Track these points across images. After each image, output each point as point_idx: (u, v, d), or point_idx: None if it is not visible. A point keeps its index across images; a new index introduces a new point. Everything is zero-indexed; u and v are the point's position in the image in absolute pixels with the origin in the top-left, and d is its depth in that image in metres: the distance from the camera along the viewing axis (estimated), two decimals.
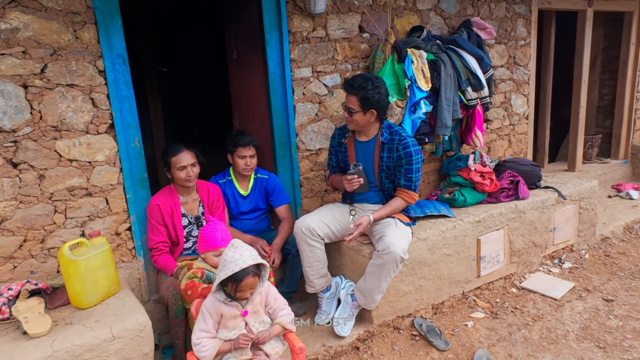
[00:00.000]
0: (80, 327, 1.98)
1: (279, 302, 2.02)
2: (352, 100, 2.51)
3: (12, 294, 2.13)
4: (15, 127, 2.23)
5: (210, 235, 2.13)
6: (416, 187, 2.61)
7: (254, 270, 1.81)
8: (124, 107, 2.51)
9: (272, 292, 2.01)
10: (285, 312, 2.00)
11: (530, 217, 3.34)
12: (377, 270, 2.49)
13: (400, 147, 2.55)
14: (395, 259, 2.43)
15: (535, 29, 4.15)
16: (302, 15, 2.94)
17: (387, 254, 2.42)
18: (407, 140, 2.56)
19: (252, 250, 1.86)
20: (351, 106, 2.52)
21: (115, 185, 2.52)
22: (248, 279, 1.78)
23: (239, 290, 1.82)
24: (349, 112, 2.54)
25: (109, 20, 2.39)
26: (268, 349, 1.92)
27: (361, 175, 2.55)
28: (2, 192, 2.24)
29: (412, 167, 2.55)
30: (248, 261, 1.77)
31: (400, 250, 2.42)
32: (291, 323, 1.99)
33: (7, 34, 2.16)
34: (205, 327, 1.87)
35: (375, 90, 2.46)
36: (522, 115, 4.22)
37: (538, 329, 2.79)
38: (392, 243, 2.42)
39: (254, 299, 1.91)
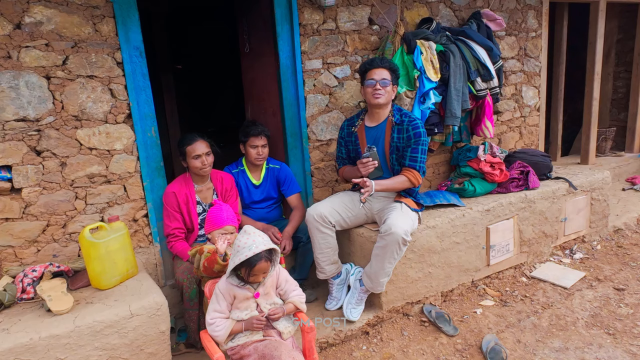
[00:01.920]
0: (100, 306, 2.07)
1: (290, 284, 2.08)
2: (385, 73, 2.62)
3: (36, 275, 2.24)
4: (39, 117, 2.34)
5: (216, 215, 2.21)
6: (421, 167, 2.64)
7: (267, 255, 1.87)
8: (140, 98, 2.61)
9: (283, 275, 2.07)
10: (296, 292, 2.07)
11: (541, 207, 3.35)
12: (381, 252, 2.53)
13: (410, 128, 2.62)
14: (397, 240, 2.46)
15: (546, 21, 4.14)
16: (312, 8, 3.00)
17: (389, 235, 2.46)
18: (416, 121, 2.64)
19: (264, 236, 1.93)
20: (385, 77, 2.60)
21: (132, 173, 2.62)
22: (261, 263, 1.84)
23: (252, 274, 1.88)
24: (383, 84, 2.60)
25: (127, 14, 2.49)
26: (281, 327, 1.98)
27: (375, 158, 2.59)
28: (27, 178, 2.35)
29: (418, 147, 2.61)
30: (260, 247, 1.83)
31: (402, 232, 2.44)
32: (302, 303, 2.04)
33: (31, 27, 2.27)
34: (219, 307, 1.95)
35: (396, 65, 2.70)
36: (533, 107, 4.22)
37: (547, 316, 2.81)
38: (393, 224, 2.46)
39: (266, 281, 1.98)
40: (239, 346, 1.91)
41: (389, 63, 2.66)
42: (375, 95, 2.61)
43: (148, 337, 2.07)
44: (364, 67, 2.69)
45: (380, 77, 2.61)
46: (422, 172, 2.68)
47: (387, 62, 2.65)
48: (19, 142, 2.31)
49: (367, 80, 2.65)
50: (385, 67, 2.62)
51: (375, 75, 2.62)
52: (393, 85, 2.66)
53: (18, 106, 2.28)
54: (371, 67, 2.64)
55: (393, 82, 2.65)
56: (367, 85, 2.65)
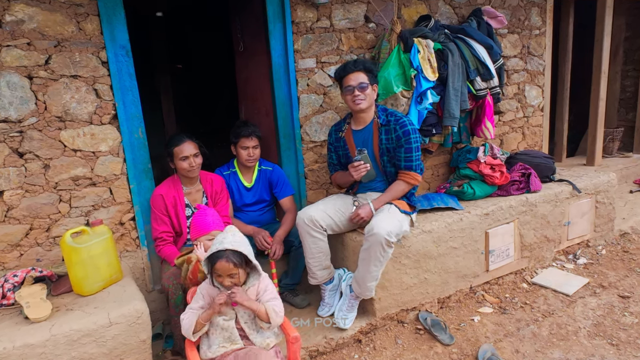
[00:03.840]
0: (79, 313, 2.01)
1: (268, 294, 1.92)
2: (361, 76, 2.52)
3: (17, 281, 2.18)
4: (21, 118, 2.28)
5: (201, 220, 2.14)
6: (417, 166, 2.55)
7: (230, 256, 1.76)
8: (127, 98, 2.54)
9: (264, 283, 1.94)
10: (272, 303, 1.89)
11: (543, 210, 3.23)
12: (366, 255, 2.45)
13: (398, 127, 2.53)
14: (379, 241, 2.35)
15: (550, 18, 4.02)
16: (305, 6, 2.92)
17: (372, 236, 2.37)
18: (403, 119, 2.55)
19: (240, 239, 1.82)
20: (362, 81, 2.51)
21: (118, 176, 2.55)
22: (221, 262, 1.76)
23: (215, 273, 1.81)
24: (360, 89, 2.51)
25: (112, 12, 2.42)
26: (258, 341, 1.88)
27: (367, 161, 2.51)
28: (9, 181, 2.29)
29: (410, 146, 2.51)
30: (226, 245, 1.75)
31: (385, 232, 2.34)
32: (275, 314, 1.87)
33: (12, 26, 2.21)
34: (193, 305, 1.90)
35: (371, 63, 2.61)
36: (536, 107, 4.10)
37: (548, 325, 2.70)
38: (376, 225, 2.37)
39: (247, 291, 1.87)
40: (218, 356, 1.84)
41: (363, 64, 2.55)
42: (356, 102, 2.53)
43: (128, 346, 2.00)
44: (338, 75, 2.61)
45: (357, 82, 2.51)
46: (420, 170, 2.59)
47: (361, 64, 2.55)
48: (0, 143, 2.25)
49: (344, 87, 2.57)
50: (359, 70, 2.52)
51: (351, 82, 2.52)
52: (372, 85, 2.56)
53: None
54: (345, 73, 2.55)
55: (371, 83, 2.55)
56: (346, 92, 2.57)
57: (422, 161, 2.63)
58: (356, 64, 2.55)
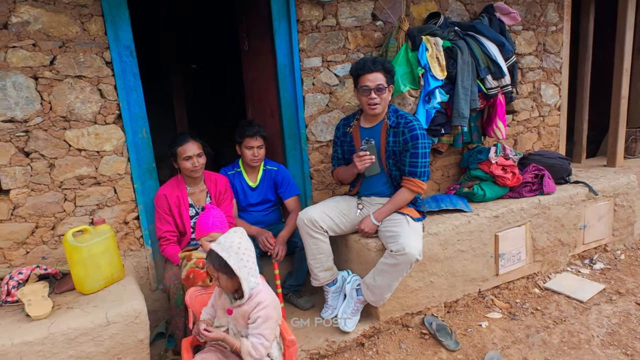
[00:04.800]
0: (79, 312, 2.02)
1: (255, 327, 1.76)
2: (379, 77, 2.40)
3: (22, 278, 2.22)
4: (27, 117, 2.31)
5: (203, 221, 2.13)
6: (422, 173, 2.46)
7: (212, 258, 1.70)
8: (131, 98, 2.55)
9: (256, 313, 1.76)
10: (254, 340, 1.74)
11: (556, 213, 3.12)
12: (389, 269, 2.40)
13: (406, 130, 2.44)
14: (410, 261, 2.33)
15: (568, 14, 3.88)
16: (311, 4, 2.88)
17: (402, 255, 2.31)
18: (413, 123, 2.46)
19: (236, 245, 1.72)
20: (380, 83, 2.40)
21: (123, 175, 2.57)
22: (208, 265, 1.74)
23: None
24: (379, 91, 2.40)
25: (116, 12, 2.43)
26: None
27: (373, 152, 2.43)
28: (15, 180, 2.33)
29: (417, 151, 2.42)
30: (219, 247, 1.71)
31: (416, 252, 2.32)
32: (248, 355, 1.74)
33: (18, 27, 2.24)
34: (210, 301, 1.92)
35: (390, 63, 2.51)
36: (553, 106, 3.96)
37: (559, 333, 2.60)
38: (407, 244, 2.31)
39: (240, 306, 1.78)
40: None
41: (382, 64, 2.43)
42: (372, 106, 2.44)
43: (125, 346, 2.01)
44: (355, 72, 2.49)
45: (374, 83, 2.40)
46: (426, 177, 2.52)
47: (380, 64, 2.43)
48: (6, 143, 2.29)
49: (360, 86, 2.45)
50: (378, 70, 2.40)
51: (369, 82, 2.41)
52: (389, 87, 2.47)
53: (5, 107, 2.26)
54: (363, 72, 2.42)
55: (388, 84, 2.46)
56: (362, 92, 2.46)
57: (429, 168, 2.55)
58: (375, 64, 2.42)
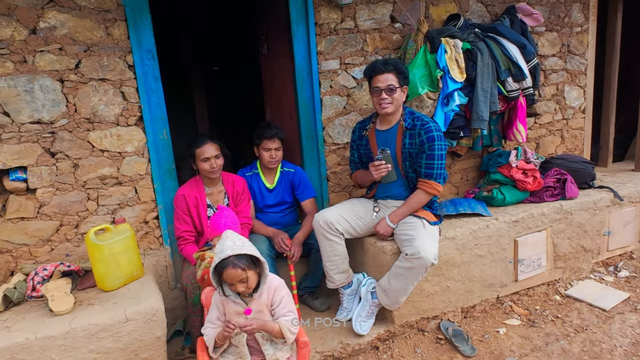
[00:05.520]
0: (99, 308, 2.08)
1: (283, 308, 1.86)
2: (390, 78, 2.42)
3: (46, 274, 2.30)
4: (53, 119, 2.39)
5: (216, 222, 2.16)
6: (438, 175, 2.44)
7: (235, 262, 1.71)
8: (152, 100, 2.61)
9: (279, 294, 1.88)
10: (287, 318, 1.85)
11: (579, 218, 3.04)
12: (404, 273, 2.39)
13: (423, 132, 2.43)
14: (425, 265, 2.32)
15: (594, 14, 3.78)
16: (329, 7, 2.89)
17: (418, 259, 2.30)
18: (429, 124, 2.44)
19: (238, 241, 1.77)
20: (391, 83, 2.42)
21: (143, 175, 2.63)
22: (228, 270, 1.71)
23: (228, 283, 1.78)
24: (390, 91, 2.43)
25: (139, 17, 2.50)
26: (270, 353, 1.85)
27: (389, 161, 2.44)
28: (41, 179, 2.41)
29: (433, 153, 2.41)
30: (227, 252, 1.71)
31: (432, 256, 2.31)
32: (290, 333, 1.83)
33: (46, 32, 2.32)
34: (210, 317, 1.90)
35: (402, 64, 2.50)
36: (577, 108, 3.87)
37: (580, 341, 2.54)
38: (422, 248, 2.30)
39: (259, 298, 1.84)
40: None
41: (394, 65, 2.44)
42: (383, 106, 2.45)
43: (143, 342, 2.05)
44: (367, 73, 2.52)
45: (385, 84, 2.42)
46: (442, 178, 2.49)
47: (392, 64, 2.44)
48: (33, 143, 2.37)
49: (372, 87, 2.49)
50: (389, 71, 2.42)
51: (379, 83, 2.43)
52: (401, 87, 2.47)
53: (33, 109, 2.34)
54: (375, 74, 2.45)
55: (401, 85, 2.45)
56: (373, 93, 2.49)
57: (446, 170, 2.52)
58: (386, 65, 2.44)
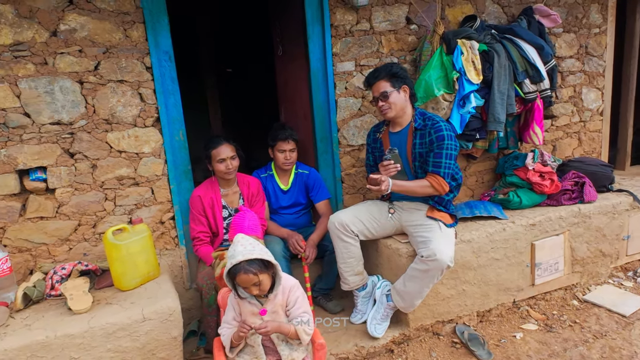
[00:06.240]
0: (117, 307, 2.10)
1: (298, 309, 1.86)
2: (382, 85, 2.47)
3: (65, 273, 2.33)
4: (72, 120, 2.43)
5: (238, 223, 2.17)
6: (446, 174, 2.42)
7: (247, 267, 1.71)
8: (169, 102, 2.64)
9: (294, 294, 1.88)
10: (303, 319, 1.84)
11: (598, 222, 3.00)
12: (420, 275, 2.37)
13: (433, 131, 2.43)
14: (441, 267, 2.31)
15: (613, 15, 3.72)
16: (345, 9, 2.89)
17: (433, 261, 2.29)
18: (440, 124, 2.44)
19: (249, 245, 1.76)
20: (384, 90, 2.46)
21: (160, 176, 2.65)
22: (240, 275, 1.72)
23: (240, 286, 1.79)
24: (383, 98, 2.47)
25: (156, 19, 2.52)
26: (286, 354, 1.84)
27: (398, 161, 2.43)
28: (60, 179, 2.45)
29: (442, 151, 2.40)
30: (238, 257, 1.71)
31: (448, 259, 2.30)
32: (305, 334, 1.83)
33: (66, 35, 2.35)
34: (226, 318, 1.90)
35: (397, 66, 2.51)
36: (595, 110, 3.81)
37: (599, 348, 2.49)
38: (438, 250, 2.29)
39: (274, 298, 1.84)
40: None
41: (385, 70, 2.48)
42: (383, 112, 2.51)
43: (160, 342, 2.07)
44: (365, 87, 2.61)
45: (378, 92, 2.48)
46: (449, 178, 2.47)
47: (382, 71, 2.48)
48: (53, 144, 2.41)
49: (372, 97, 2.57)
50: (380, 79, 2.47)
51: (374, 92, 2.51)
52: (398, 89, 2.47)
53: (53, 110, 2.38)
54: (369, 85, 2.55)
55: (397, 87, 2.46)
56: (373, 103, 2.57)
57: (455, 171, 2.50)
58: (376, 74, 2.51)
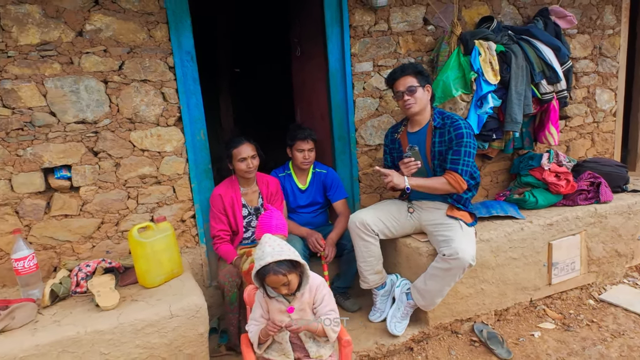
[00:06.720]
0: (144, 304, 2.13)
1: (325, 306, 1.89)
2: (409, 80, 2.49)
3: (89, 270, 2.35)
4: (97, 119, 2.45)
5: (266, 222, 2.19)
6: (464, 171, 2.44)
7: (276, 268, 1.73)
8: (191, 101, 2.66)
9: (321, 292, 1.90)
10: (329, 317, 1.87)
11: (613, 222, 3.02)
12: (441, 274, 2.40)
13: (452, 129, 2.46)
14: (463, 266, 2.34)
15: (626, 16, 3.74)
16: (363, 9, 2.92)
17: (455, 260, 2.32)
18: (459, 122, 2.47)
19: (277, 246, 1.78)
20: (411, 84, 2.48)
21: (181, 175, 2.68)
22: (270, 276, 1.74)
23: (269, 286, 1.81)
24: (410, 92, 2.48)
25: (179, 20, 2.55)
26: (314, 350, 1.86)
27: (418, 158, 2.47)
28: (85, 177, 2.47)
29: (460, 149, 2.42)
30: (267, 258, 1.73)
31: (470, 257, 2.32)
32: (333, 331, 1.86)
33: (91, 35, 2.38)
34: (253, 315, 1.93)
35: (421, 65, 2.56)
36: (608, 111, 3.83)
37: (617, 346, 2.51)
38: (460, 249, 2.31)
39: (301, 296, 1.86)
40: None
41: (412, 67, 2.52)
42: (407, 106, 2.52)
43: (187, 339, 2.09)
44: (388, 82, 2.62)
45: (404, 86, 2.49)
46: (467, 176, 2.48)
47: (409, 67, 2.52)
48: (78, 143, 2.43)
49: (395, 92, 2.57)
50: (408, 74, 2.50)
51: (400, 86, 2.52)
52: (423, 87, 2.51)
53: (78, 109, 2.40)
54: (394, 80, 2.55)
55: (422, 84, 2.50)
56: (397, 97, 2.57)
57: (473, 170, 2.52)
58: (404, 69, 2.54)
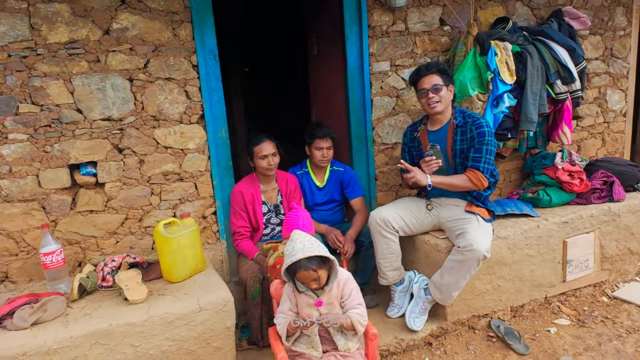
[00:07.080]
0: (171, 298, 2.16)
1: (352, 300, 1.91)
2: (434, 78, 2.52)
3: (115, 265, 2.39)
4: (122, 116, 2.49)
5: (293, 221, 2.23)
6: (485, 169, 2.48)
7: (307, 264, 1.76)
8: (213, 99, 2.70)
9: (349, 287, 1.93)
10: (357, 311, 1.89)
11: (627, 221, 3.06)
12: (457, 266, 2.44)
13: (474, 128, 2.50)
14: (477, 257, 2.37)
15: (637, 18, 3.79)
16: (382, 10, 2.96)
17: (470, 251, 2.36)
18: (480, 121, 2.52)
19: (307, 243, 1.81)
20: (435, 83, 2.51)
21: (203, 172, 2.72)
22: (301, 272, 1.77)
23: (300, 281, 1.84)
24: (435, 90, 2.51)
25: (203, 19, 2.59)
26: (342, 344, 1.89)
27: (439, 157, 2.51)
28: (110, 174, 2.51)
29: (482, 147, 2.47)
30: (298, 254, 1.76)
31: (484, 249, 2.36)
32: (360, 324, 1.88)
33: (118, 33, 2.42)
34: (281, 308, 1.96)
35: (445, 65, 2.61)
36: (618, 112, 3.88)
37: (633, 342, 2.56)
38: (475, 240, 2.36)
39: (330, 290, 1.89)
40: (297, 352, 1.90)
41: (437, 66, 2.55)
42: (431, 105, 2.55)
43: (214, 332, 2.13)
44: (412, 79, 2.65)
45: (430, 84, 2.52)
46: (488, 173, 2.52)
47: (434, 66, 2.55)
48: (103, 140, 2.47)
49: (419, 90, 2.59)
50: (433, 73, 2.53)
51: (425, 84, 2.54)
52: (447, 86, 2.55)
53: (104, 106, 2.44)
54: (418, 78, 2.57)
55: (446, 84, 2.54)
56: (420, 95, 2.59)
57: (493, 168, 2.55)
58: (429, 67, 2.56)
